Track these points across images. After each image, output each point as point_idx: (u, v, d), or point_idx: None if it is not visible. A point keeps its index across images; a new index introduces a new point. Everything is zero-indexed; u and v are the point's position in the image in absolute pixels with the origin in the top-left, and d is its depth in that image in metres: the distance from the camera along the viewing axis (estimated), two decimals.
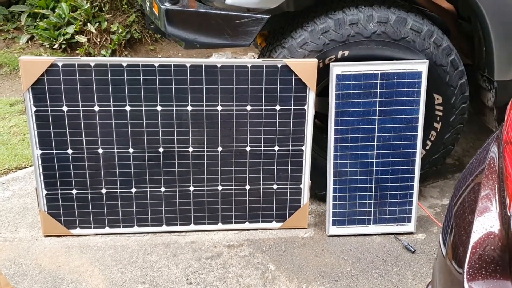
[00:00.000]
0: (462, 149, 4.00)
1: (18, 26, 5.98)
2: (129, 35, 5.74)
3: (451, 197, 1.73)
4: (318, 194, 3.21)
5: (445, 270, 1.55)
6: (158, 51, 5.96)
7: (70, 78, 2.69)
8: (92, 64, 2.68)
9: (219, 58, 5.53)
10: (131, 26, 5.77)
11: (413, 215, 3.05)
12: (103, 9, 5.69)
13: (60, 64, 2.67)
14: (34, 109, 2.71)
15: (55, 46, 5.59)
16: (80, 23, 5.55)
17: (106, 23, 5.61)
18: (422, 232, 3.09)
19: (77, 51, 5.58)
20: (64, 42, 5.58)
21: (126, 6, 5.78)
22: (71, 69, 2.68)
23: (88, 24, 5.59)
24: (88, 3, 5.58)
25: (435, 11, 3.28)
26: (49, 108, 2.72)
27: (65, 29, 5.57)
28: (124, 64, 2.69)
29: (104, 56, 5.55)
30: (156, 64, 2.70)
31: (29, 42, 5.83)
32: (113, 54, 5.62)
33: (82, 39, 5.54)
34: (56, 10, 5.66)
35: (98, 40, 5.60)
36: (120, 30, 5.63)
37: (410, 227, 3.06)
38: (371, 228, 3.04)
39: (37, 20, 5.84)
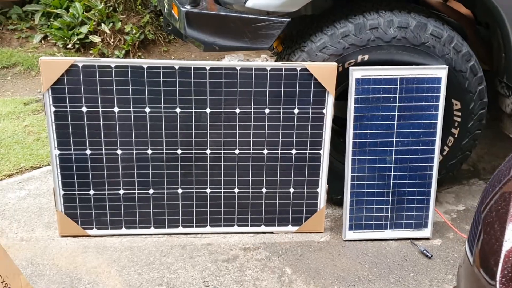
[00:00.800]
0: (477, 155, 3.98)
1: (31, 25, 6.00)
2: (142, 36, 5.76)
3: (478, 205, 1.72)
4: (334, 198, 3.20)
5: (472, 278, 1.54)
6: (172, 52, 5.97)
7: (90, 79, 2.70)
8: (113, 65, 2.69)
9: (232, 61, 5.54)
10: (144, 27, 5.78)
11: (429, 220, 3.04)
12: (117, 9, 5.70)
13: (80, 65, 2.68)
14: (53, 109, 2.72)
15: (69, 46, 5.61)
16: (94, 23, 5.57)
17: (120, 23, 5.63)
18: (438, 237, 3.08)
19: (90, 51, 5.60)
20: (78, 42, 5.59)
21: (140, 7, 5.79)
22: (91, 70, 2.68)
23: (102, 24, 5.60)
24: (102, 3, 5.59)
25: (452, 17, 3.28)
26: (68, 109, 2.73)
27: (79, 29, 5.59)
28: (145, 66, 2.69)
29: (118, 56, 5.56)
30: (176, 67, 2.71)
31: (43, 41, 5.85)
32: (126, 54, 5.63)
33: (96, 39, 5.56)
34: (70, 9, 5.68)
35: (112, 40, 5.61)
36: (134, 31, 5.64)
37: (426, 232, 3.05)
38: (388, 233, 3.03)
39: (51, 19, 5.85)
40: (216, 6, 2.91)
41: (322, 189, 2.98)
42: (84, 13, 5.58)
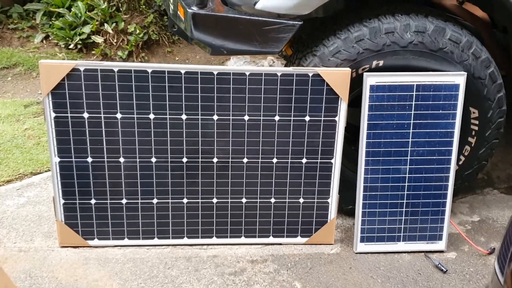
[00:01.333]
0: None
1: (33, 25, 5.88)
2: (146, 36, 5.63)
3: (509, 224, 1.62)
4: (344, 208, 3.08)
5: None
6: (176, 53, 5.85)
7: (92, 84, 2.58)
8: (116, 69, 2.57)
9: (238, 63, 5.43)
10: (148, 27, 5.66)
11: (444, 232, 2.92)
12: (121, 9, 5.59)
13: (82, 68, 2.56)
14: (53, 115, 2.60)
15: (71, 46, 5.50)
16: (97, 23, 5.46)
17: (123, 23, 5.51)
18: (453, 250, 2.96)
19: (93, 52, 5.48)
20: (80, 42, 5.48)
21: (143, 6, 5.67)
22: (93, 74, 2.57)
23: (105, 24, 5.49)
24: (105, 3, 5.47)
25: (468, 20, 3.16)
26: (69, 115, 2.61)
27: (81, 29, 5.48)
28: (149, 70, 2.58)
29: (121, 57, 5.45)
30: (183, 71, 2.59)
31: (44, 41, 5.72)
32: (129, 55, 5.52)
33: (98, 39, 5.44)
34: (72, 9, 5.56)
35: (115, 40, 5.50)
36: (138, 31, 5.52)
37: (441, 245, 2.93)
38: (401, 246, 2.91)
39: (53, 19, 5.74)
40: (224, 8, 2.79)
41: (333, 200, 2.86)
42: (87, 12, 5.47)
